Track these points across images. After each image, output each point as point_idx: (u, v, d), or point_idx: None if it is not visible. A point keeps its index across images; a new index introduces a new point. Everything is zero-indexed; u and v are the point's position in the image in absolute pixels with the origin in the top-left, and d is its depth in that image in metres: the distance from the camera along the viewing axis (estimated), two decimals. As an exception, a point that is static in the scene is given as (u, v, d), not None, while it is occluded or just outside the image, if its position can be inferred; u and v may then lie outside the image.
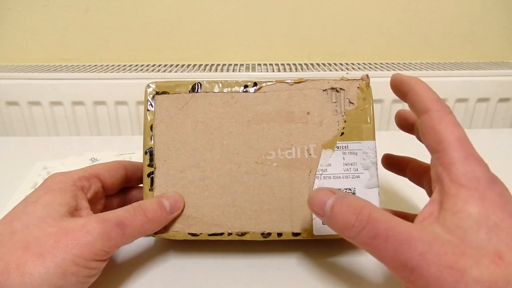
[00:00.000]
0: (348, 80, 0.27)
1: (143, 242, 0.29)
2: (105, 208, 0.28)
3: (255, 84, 0.28)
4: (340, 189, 0.26)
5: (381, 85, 0.70)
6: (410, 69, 0.72)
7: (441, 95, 0.77)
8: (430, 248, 0.17)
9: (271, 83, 0.27)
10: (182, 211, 0.26)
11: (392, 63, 0.77)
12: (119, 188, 0.29)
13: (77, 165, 0.39)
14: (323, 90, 0.27)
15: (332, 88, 0.27)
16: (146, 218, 0.24)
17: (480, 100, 0.72)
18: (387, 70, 0.71)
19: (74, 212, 0.23)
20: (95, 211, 0.26)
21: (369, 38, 0.79)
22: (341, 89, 0.27)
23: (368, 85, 0.27)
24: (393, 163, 0.30)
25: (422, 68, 0.73)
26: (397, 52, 0.80)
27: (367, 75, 0.27)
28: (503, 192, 0.19)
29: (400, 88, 0.24)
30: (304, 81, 0.27)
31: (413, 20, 0.78)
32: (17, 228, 0.21)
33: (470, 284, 0.16)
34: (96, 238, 0.21)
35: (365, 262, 0.27)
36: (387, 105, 0.71)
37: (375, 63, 0.77)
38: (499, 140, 0.51)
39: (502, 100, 0.72)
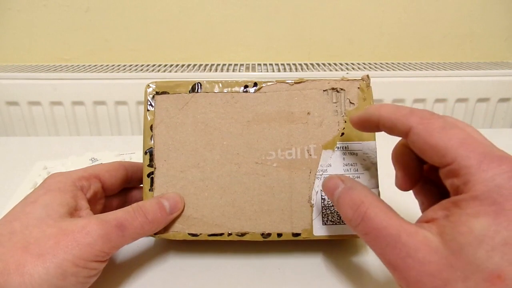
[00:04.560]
0: (348, 80, 0.27)
1: (143, 242, 0.29)
2: (105, 208, 0.28)
3: (255, 84, 0.27)
4: None
5: (381, 85, 0.70)
6: (410, 69, 0.72)
7: (441, 95, 0.76)
8: (414, 253, 0.17)
9: (271, 83, 0.27)
10: (182, 211, 0.26)
11: (392, 63, 0.77)
12: (119, 189, 0.29)
13: (77, 165, 0.39)
14: (324, 91, 0.27)
15: (333, 89, 0.27)
16: (146, 219, 0.24)
17: (480, 100, 0.72)
18: (387, 70, 0.71)
19: (73, 212, 0.23)
20: (94, 211, 0.25)
21: (369, 38, 0.79)
22: (341, 89, 0.27)
23: (368, 86, 0.27)
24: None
25: (422, 68, 0.73)
26: (397, 52, 0.80)
27: (367, 76, 0.27)
28: None
29: (366, 125, 0.23)
30: (304, 81, 0.27)
31: (413, 20, 0.78)
32: (16, 228, 0.21)
33: None
34: (96, 239, 0.21)
35: (365, 263, 0.27)
36: (387, 105, 0.71)
37: (375, 63, 0.77)
38: (499, 140, 0.51)
39: (502, 100, 0.72)
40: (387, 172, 0.31)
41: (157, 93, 0.27)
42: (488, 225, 0.16)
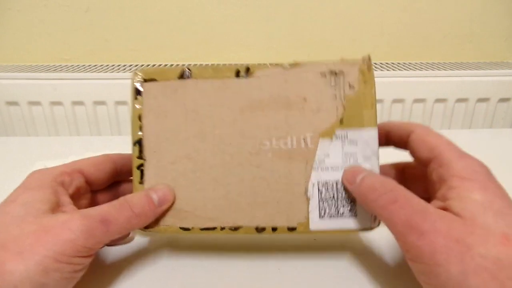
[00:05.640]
0: (348, 62, 0.25)
1: (136, 240, 0.29)
2: (92, 203, 0.27)
3: (247, 69, 0.26)
4: (337, 181, 0.25)
5: (381, 85, 0.70)
6: (410, 69, 0.72)
7: (441, 95, 0.76)
8: (441, 219, 0.19)
9: (265, 67, 0.26)
10: (172, 204, 0.25)
11: (392, 63, 0.77)
12: (108, 183, 0.28)
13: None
14: (321, 73, 0.25)
15: (331, 71, 0.25)
16: (133, 213, 0.23)
17: (480, 100, 0.72)
18: (387, 70, 0.71)
19: (56, 208, 0.23)
20: (79, 206, 0.25)
21: (369, 38, 0.79)
22: (340, 71, 0.25)
23: (370, 68, 0.25)
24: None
25: (422, 68, 0.73)
26: (397, 52, 0.80)
27: (369, 57, 0.25)
28: (499, 184, 0.21)
29: (394, 137, 0.27)
30: (300, 64, 0.26)
31: (413, 20, 0.78)
32: None
33: (476, 258, 0.18)
34: (78, 235, 0.21)
35: (364, 263, 0.27)
36: (387, 105, 0.71)
37: (375, 63, 0.77)
38: (499, 140, 0.51)
39: (502, 100, 0.72)
40: (389, 160, 0.30)
41: (145, 80, 0.26)
42: (483, 197, 0.20)
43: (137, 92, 0.26)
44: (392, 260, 0.27)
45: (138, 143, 0.26)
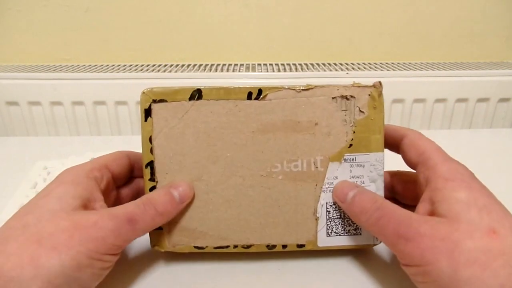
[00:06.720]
0: (359, 87, 0.26)
1: (142, 245, 0.29)
2: (117, 199, 0.28)
3: (259, 91, 0.25)
4: None
5: (381, 85, 0.70)
6: (410, 69, 0.72)
7: (441, 95, 0.76)
8: (425, 224, 0.21)
9: (277, 90, 0.25)
10: (192, 199, 0.26)
11: (392, 63, 0.77)
12: (127, 178, 0.29)
13: (77, 165, 0.39)
14: (332, 98, 0.26)
15: (342, 96, 0.26)
16: (156, 212, 0.24)
17: (480, 100, 0.72)
18: (387, 70, 0.71)
19: (87, 204, 0.23)
20: (108, 201, 0.26)
21: (369, 38, 0.79)
22: (351, 96, 0.25)
23: (380, 94, 0.26)
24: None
25: (422, 68, 0.73)
26: (397, 52, 0.80)
27: (379, 82, 0.26)
28: (483, 184, 0.22)
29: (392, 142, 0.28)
30: (312, 88, 0.25)
31: (413, 20, 0.78)
32: (29, 222, 0.21)
33: (465, 252, 0.19)
34: (108, 234, 0.21)
35: (364, 263, 0.27)
36: (387, 105, 0.71)
37: (375, 63, 0.77)
38: (499, 140, 0.51)
39: (502, 100, 0.72)
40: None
41: (154, 101, 0.25)
42: (467, 195, 0.21)
43: (147, 114, 0.26)
44: (391, 260, 0.27)
45: (150, 165, 0.26)
